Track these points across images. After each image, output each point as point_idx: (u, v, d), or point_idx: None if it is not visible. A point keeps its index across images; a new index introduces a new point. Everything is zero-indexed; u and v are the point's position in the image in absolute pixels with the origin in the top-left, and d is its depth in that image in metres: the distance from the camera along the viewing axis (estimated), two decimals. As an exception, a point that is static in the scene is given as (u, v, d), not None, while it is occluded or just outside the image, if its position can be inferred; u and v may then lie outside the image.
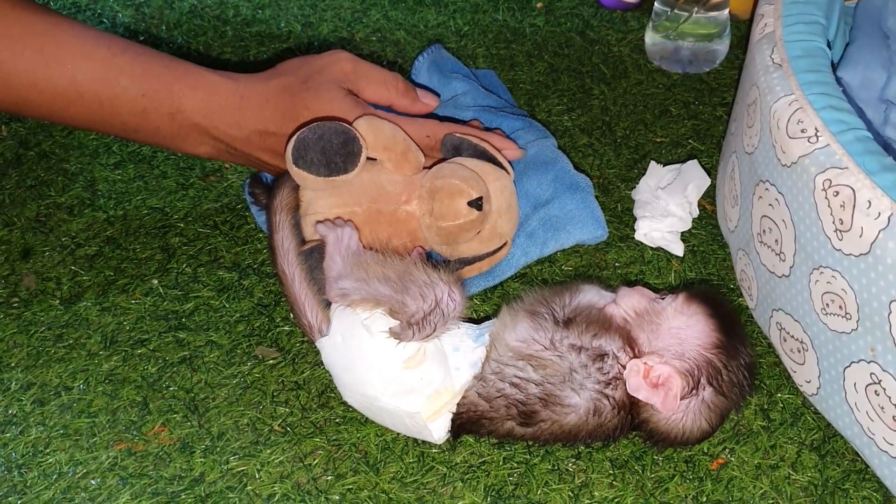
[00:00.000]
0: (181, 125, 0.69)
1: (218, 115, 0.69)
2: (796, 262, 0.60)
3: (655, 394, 0.57)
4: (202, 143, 0.71)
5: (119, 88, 0.68)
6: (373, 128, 0.67)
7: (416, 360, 0.59)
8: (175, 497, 0.59)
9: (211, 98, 0.69)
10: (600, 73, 0.95)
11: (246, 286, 0.73)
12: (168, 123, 0.69)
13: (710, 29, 0.94)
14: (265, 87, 0.70)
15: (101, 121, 0.69)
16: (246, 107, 0.69)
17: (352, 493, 0.59)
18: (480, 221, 0.67)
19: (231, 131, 0.70)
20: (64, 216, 0.79)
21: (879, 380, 0.55)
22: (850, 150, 0.56)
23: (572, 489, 0.59)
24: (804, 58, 0.63)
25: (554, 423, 0.58)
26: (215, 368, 0.67)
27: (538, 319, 0.60)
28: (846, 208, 0.54)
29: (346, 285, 0.61)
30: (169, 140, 0.71)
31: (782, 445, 0.62)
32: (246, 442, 0.62)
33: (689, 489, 0.59)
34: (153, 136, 0.71)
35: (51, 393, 0.65)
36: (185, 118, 0.69)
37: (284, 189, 0.67)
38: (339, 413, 0.64)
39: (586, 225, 0.74)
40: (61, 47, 0.67)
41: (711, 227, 0.78)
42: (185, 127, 0.70)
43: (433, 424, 0.59)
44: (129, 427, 0.63)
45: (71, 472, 0.60)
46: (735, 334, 0.60)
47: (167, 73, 0.69)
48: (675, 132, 0.88)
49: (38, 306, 0.71)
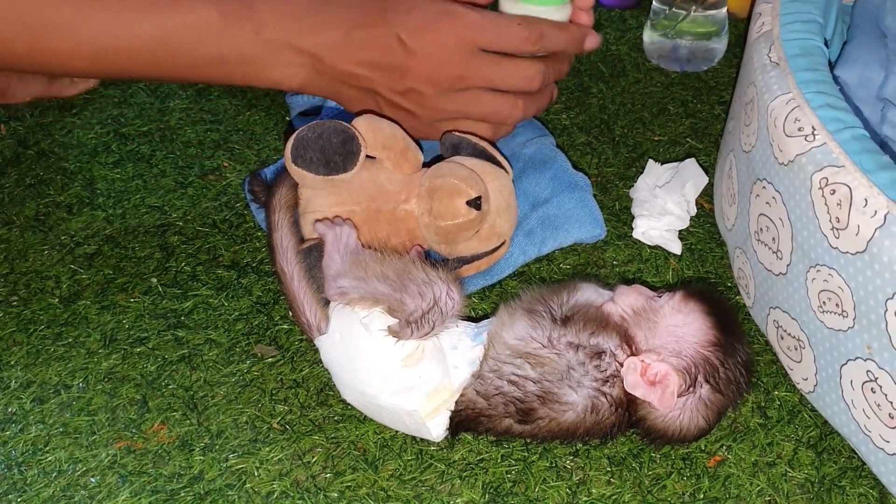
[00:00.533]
0: (267, 43, 0.67)
1: (302, 24, 0.67)
2: (793, 261, 0.60)
3: (653, 391, 0.57)
4: (291, 64, 0.69)
5: (198, 14, 0.66)
6: (372, 126, 0.67)
7: (414, 359, 0.59)
8: (174, 494, 0.59)
9: (293, 7, 0.67)
10: (598, 72, 0.95)
11: (245, 284, 0.73)
12: (253, 43, 0.67)
13: (708, 27, 0.94)
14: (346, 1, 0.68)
15: (185, 56, 0.67)
16: (330, 11, 0.68)
17: (350, 490, 0.59)
18: (479, 221, 0.67)
19: (318, 38, 0.67)
20: (63, 215, 0.79)
21: (875, 377, 0.55)
22: (847, 148, 0.56)
23: (570, 486, 0.59)
24: (802, 56, 0.63)
25: (552, 421, 0.58)
26: (214, 367, 0.67)
27: (536, 317, 0.60)
28: (843, 206, 0.54)
29: (345, 284, 0.61)
30: (257, 68, 0.68)
31: (779, 443, 0.62)
32: (245, 440, 0.62)
33: (687, 486, 0.60)
34: (240, 67, 0.68)
35: (50, 391, 0.65)
36: (269, 34, 0.67)
37: (283, 187, 0.67)
38: (337, 411, 0.64)
39: (585, 224, 0.75)
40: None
41: (709, 226, 0.78)
42: (271, 45, 0.67)
43: (431, 422, 0.59)
44: (129, 425, 0.63)
45: (70, 469, 0.61)
46: (732, 332, 0.60)
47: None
48: (674, 131, 0.88)
49: (38, 305, 0.71)
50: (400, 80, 0.69)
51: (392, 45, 0.68)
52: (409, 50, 0.67)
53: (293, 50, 0.68)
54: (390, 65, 0.69)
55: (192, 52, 0.67)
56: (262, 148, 0.86)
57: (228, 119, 0.89)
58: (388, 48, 0.68)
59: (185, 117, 0.89)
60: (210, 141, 0.87)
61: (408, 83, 0.69)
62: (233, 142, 0.86)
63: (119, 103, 0.91)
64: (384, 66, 0.69)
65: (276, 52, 0.68)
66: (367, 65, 0.69)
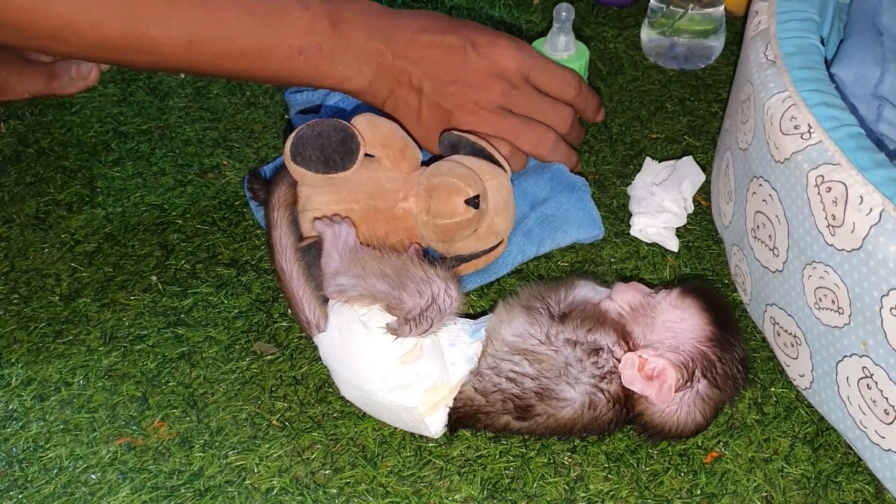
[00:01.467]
0: (342, 37, 0.70)
1: (376, 21, 0.72)
2: (789, 258, 0.60)
3: (650, 386, 0.57)
4: (359, 60, 0.72)
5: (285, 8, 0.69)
6: (371, 125, 0.67)
7: (413, 356, 0.59)
8: (174, 491, 0.59)
9: (368, 8, 0.72)
10: (596, 70, 0.95)
11: (244, 282, 0.73)
12: (331, 36, 0.70)
13: (705, 25, 0.94)
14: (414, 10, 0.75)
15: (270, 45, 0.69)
16: (401, 15, 0.73)
17: (349, 486, 0.60)
18: (477, 219, 0.68)
19: (388, 34, 0.72)
20: (63, 213, 0.79)
21: (871, 373, 0.56)
22: (843, 146, 0.56)
23: (568, 482, 0.60)
24: (798, 54, 0.63)
25: (550, 417, 0.59)
26: (214, 364, 0.67)
27: (534, 314, 0.60)
28: (838, 204, 0.54)
29: (344, 281, 0.61)
30: (329, 60, 0.71)
31: (776, 439, 0.62)
32: (244, 436, 0.62)
33: (684, 482, 0.60)
34: (314, 58, 0.70)
35: (51, 388, 0.66)
36: (346, 28, 0.70)
37: (282, 185, 0.67)
38: (336, 408, 0.64)
39: (583, 224, 0.75)
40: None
41: (706, 223, 0.78)
42: (345, 39, 0.71)
43: (430, 419, 0.59)
44: (129, 422, 0.63)
45: (71, 466, 0.61)
46: (729, 328, 0.60)
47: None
48: (671, 128, 0.88)
49: (38, 302, 0.71)
50: (453, 74, 0.73)
51: (458, 46, 0.72)
52: (470, 57, 0.72)
53: (364, 46, 0.71)
54: (449, 62, 0.72)
55: (277, 42, 0.69)
56: (262, 146, 0.86)
57: (227, 117, 0.89)
58: (452, 49, 0.72)
59: (184, 115, 0.89)
60: (209, 139, 0.87)
61: (459, 82, 0.73)
62: (232, 140, 0.87)
63: (118, 102, 0.91)
64: (442, 62, 0.72)
65: (348, 47, 0.71)
66: (426, 61, 0.72)
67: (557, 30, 0.80)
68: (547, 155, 0.76)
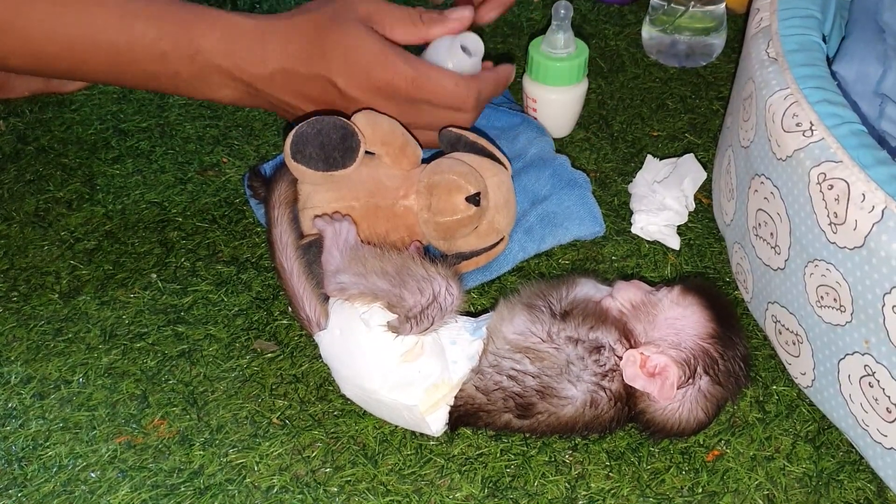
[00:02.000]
0: (201, 67, 0.68)
1: (239, 53, 0.67)
2: (791, 256, 0.60)
3: (652, 383, 0.57)
4: (223, 86, 0.69)
5: (136, 33, 0.66)
6: (371, 122, 0.67)
7: (413, 354, 0.59)
8: (174, 489, 0.59)
9: (232, 36, 0.67)
10: (597, 68, 0.95)
11: (244, 280, 0.73)
12: (188, 66, 0.68)
13: (706, 23, 0.94)
14: (289, 23, 0.68)
15: (120, 70, 0.68)
16: (269, 43, 0.67)
17: (350, 484, 0.59)
18: (478, 217, 0.68)
19: (253, 70, 0.68)
20: (62, 210, 0.79)
21: (873, 371, 0.56)
22: (845, 143, 0.56)
23: (569, 480, 0.60)
24: (800, 52, 0.63)
25: (551, 416, 0.59)
26: (214, 362, 0.67)
27: (535, 312, 0.60)
28: (840, 202, 0.54)
29: (344, 279, 0.61)
30: (189, 85, 0.69)
31: (777, 437, 0.62)
32: (245, 435, 0.62)
33: (685, 480, 0.60)
34: (173, 81, 0.69)
35: (50, 386, 0.65)
36: (205, 59, 0.67)
37: (283, 183, 0.67)
38: (337, 406, 0.64)
39: (584, 221, 0.75)
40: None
41: (707, 221, 0.78)
42: (205, 69, 0.68)
43: (431, 417, 0.59)
44: (129, 420, 0.63)
45: (71, 464, 0.61)
46: (731, 325, 0.60)
47: (184, 13, 0.67)
48: (672, 126, 0.88)
49: (38, 300, 0.71)
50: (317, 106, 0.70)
51: (328, 89, 0.69)
52: (345, 95, 0.69)
53: (228, 76, 0.69)
54: (326, 102, 0.70)
55: (126, 67, 0.68)
56: (262, 144, 0.86)
57: (227, 115, 0.89)
58: (325, 90, 0.69)
59: (184, 113, 0.89)
60: (209, 137, 0.87)
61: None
62: (232, 137, 0.86)
63: (118, 99, 0.91)
64: (320, 102, 0.70)
65: (209, 76, 0.69)
66: (303, 98, 0.70)
67: (556, 27, 0.79)
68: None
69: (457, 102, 0.70)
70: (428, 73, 0.69)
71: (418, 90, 0.68)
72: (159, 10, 0.67)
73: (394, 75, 0.67)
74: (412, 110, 0.70)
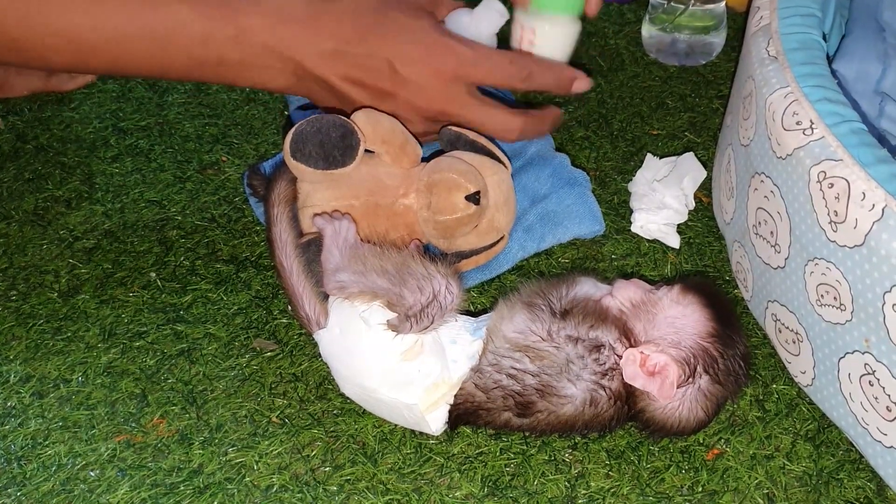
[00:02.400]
0: (246, 49, 0.66)
1: (288, 29, 0.66)
2: (791, 254, 0.60)
3: (652, 381, 0.57)
4: (271, 68, 0.67)
5: (178, 17, 0.65)
6: (371, 121, 0.67)
7: (413, 353, 0.59)
8: (174, 488, 0.59)
9: (280, 15, 0.66)
10: (597, 66, 0.95)
11: (244, 279, 0.73)
12: (232, 48, 0.66)
13: (706, 21, 0.94)
14: (342, 4, 0.67)
15: (164, 58, 0.66)
16: (322, 23, 0.66)
17: (350, 483, 0.59)
18: (478, 216, 0.67)
19: (305, 48, 0.66)
20: (62, 209, 0.79)
21: (873, 370, 0.56)
22: (845, 142, 0.56)
23: (569, 479, 0.60)
24: (800, 50, 0.63)
25: (551, 414, 0.58)
26: (213, 361, 0.67)
27: (535, 311, 0.60)
28: (841, 200, 0.54)
29: (344, 278, 0.61)
30: (236, 71, 0.68)
31: (777, 436, 0.62)
32: (244, 433, 0.62)
33: (685, 479, 0.60)
34: (218, 68, 0.67)
35: (49, 385, 0.65)
36: (249, 39, 0.66)
37: (282, 181, 0.67)
38: (336, 405, 0.64)
39: (584, 220, 0.75)
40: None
41: (707, 220, 0.78)
42: (251, 51, 0.66)
43: (430, 416, 0.59)
44: (128, 419, 0.63)
45: (70, 463, 0.61)
46: (730, 324, 0.60)
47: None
48: (672, 125, 0.88)
49: (37, 299, 0.71)
50: (382, 102, 0.69)
51: (382, 69, 0.67)
52: (400, 78, 0.67)
53: (274, 55, 0.67)
54: (376, 87, 0.68)
55: (170, 54, 0.67)
56: (261, 142, 0.86)
57: (227, 113, 0.89)
58: (378, 71, 0.67)
59: (183, 112, 0.89)
60: (208, 135, 0.86)
61: (390, 107, 0.69)
62: (231, 136, 0.86)
63: (117, 98, 0.91)
64: (370, 86, 0.68)
65: (256, 57, 0.67)
66: (352, 82, 0.68)
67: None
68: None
69: (511, 83, 0.70)
70: (485, 52, 0.69)
71: (473, 69, 0.68)
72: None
73: (451, 55, 0.67)
74: (462, 101, 0.69)
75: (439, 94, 0.68)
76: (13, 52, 0.66)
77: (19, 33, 0.65)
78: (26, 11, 0.64)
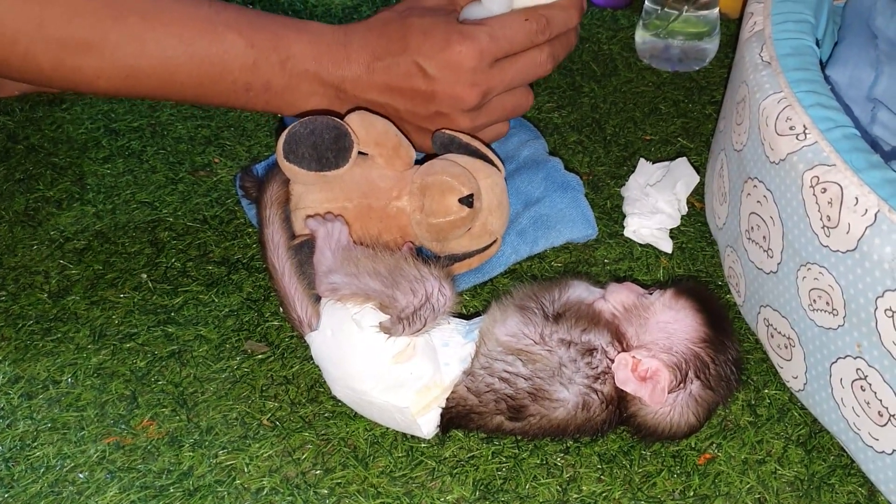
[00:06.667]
0: (292, 73, 0.69)
1: (327, 55, 0.69)
2: (784, 259, 0.60)
3: (643, 387, 0.57)
4: (313, 94, 0.71)
5: (227, 43, 0.67)
6: (364, 123, 0.67)
7: (405, 355, 0.59)
8: (163, 490, 0.59)
9: (318, 40, 0.69)
10: (590, 71, 0.95)
11: (235, 281, 0.73)
12: (279, 74, 0.69)
13: (699, 27, 0.94)
14: (367, 22, 0.71)
15: (212, 83, 0.68)
16: (352, 42, 0.69)
17: (341, 486, 0.59)
18: (471, 218, 0.67)
19: (341, 71, 0.69)
20: (52, 210, 0.79)
21: (865, 375, 0.56)
22: (838, 147, 0.56)
23: (560, 483, 0.59)
24: (793, 56, 0.63)
25: (543, 418, 0.58)
26: (204, 363, 0.67)
27: (528, 314, 0.60)
28: (833, 205, 0.54)
29: (336, 280, 0.61)
30: (280, 96, 0.70)
31: (769, 441, 0.62)
32: (235, 436, 0.62)
33: (677, 483, 0.60)
34: (264, 94, 0.70)
35: (39, 386, 0.65)
36: (295, 65, 0.69)
37: (275, 183, 0.67)
38: (328, 408, 0.64)
39: (577, 224, 0.75)
40: (164, 12, 0.66)
41: (700, 224, 0.78)
42: (295, 75, 0.69)
43: (422, 419, 0.59)
44: (118, 421, 0.63)
45: (59, 465, 0.60)
46: (723, 329, 0.60)
47: (271, 22, 0.69)
48: (665, 130, 0.88)
49: (26, 300, 0.71)
50: (424, 105, 0.71)
51: (413, 72, 0.69)
52: (430, 76, 0.69)
53: (317, 81, 0.70)
54: (413, 90, 0.70)
55: (219, 79, 0.69)
56: (254, 144, 0.85)
57: (219, 115, 0.89)
58: (410, 75, 0.69)
59: (175, 113, 0.89)
60: (201, 137, 0.86)
61: (433, 108, 0.70)
62: (224, 138, 0.86)
63: (109, 99, 0.90)
64: (408, 92, 0.70)
65: (300, 83, 0.70)
66: (391, 92, 0.70)
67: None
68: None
69: (534, 40, 0.71)
70: (499, 25, 0.70)
71: (494, 46, 0.69)
72: (248, 20, 0.68)
73: (470, 41, 0.68)
74: (494, 74, 0.70)
75: (471, 80, 0.69)
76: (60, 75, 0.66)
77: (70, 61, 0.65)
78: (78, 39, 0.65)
